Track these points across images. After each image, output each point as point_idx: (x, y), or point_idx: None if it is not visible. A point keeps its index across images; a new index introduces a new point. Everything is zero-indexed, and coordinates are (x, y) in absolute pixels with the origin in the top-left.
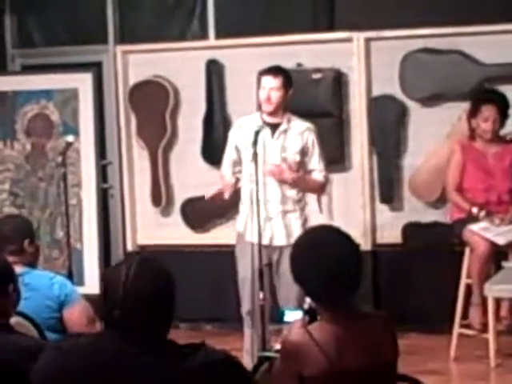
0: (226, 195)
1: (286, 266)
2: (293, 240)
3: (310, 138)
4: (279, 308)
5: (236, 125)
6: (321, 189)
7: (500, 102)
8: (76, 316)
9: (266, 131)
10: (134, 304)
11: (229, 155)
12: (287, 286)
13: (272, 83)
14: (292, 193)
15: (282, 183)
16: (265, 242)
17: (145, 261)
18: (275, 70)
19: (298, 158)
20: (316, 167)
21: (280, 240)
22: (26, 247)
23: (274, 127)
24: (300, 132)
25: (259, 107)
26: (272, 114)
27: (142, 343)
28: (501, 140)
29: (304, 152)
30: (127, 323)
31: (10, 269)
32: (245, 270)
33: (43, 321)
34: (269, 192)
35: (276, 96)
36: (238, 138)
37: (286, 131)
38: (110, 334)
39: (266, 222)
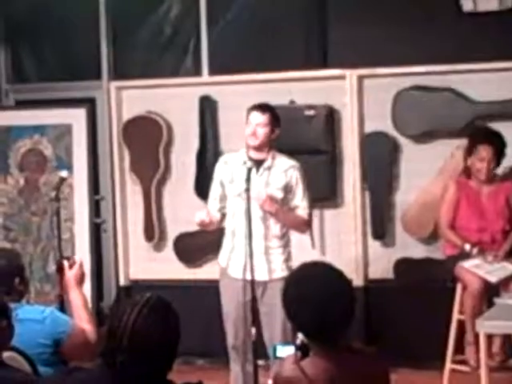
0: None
1: (267, 301)
2: (274, 276)
3: (294, 176)
4: (272, 344)
5: (222, 160)
6: (303, 226)
7: (497, 142)
8: (74, 348)
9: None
10: (139, 353)
11: (214, 191)
12: (270, 322)
13: (259, 119)
14: (275, 229)
15: (265, 218)
16: (248, 277)
17: (156, 307)
18: (263, 107)
19: (280, 194)
20: (299, 204)
21: (262, 275)
22: (16, 286)
23: (259, 163)
24: (284, 169)
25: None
26: (257, 149)
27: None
28: (495, 179)
29: (287, 189)
30: (130, 369)
31: (4, 305)
32: (228, 304)
33: (36, 356)
34: (252, 228)
35: (262, 132)
36: (223, 173)
37: (269, 168)
38: (110, 374)
39: (250, 257)
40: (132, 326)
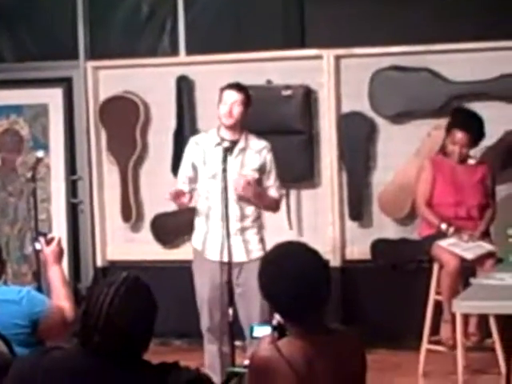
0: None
1: (244, 282)
2: (252, 256)
3: (268, 157)
4: (249, 324)
5: (192, 141)
6: (276, 206)
7: (473, 127)
8: (52, 327)
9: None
10: (115, 333)
11: (184, 172)
12: (248, 302)
13: (234, 97)
14: (250, 210)
15: (240, 199)
16: (225, 259)
17: (132, 288)
18: (238, 86)
19: (256, 175)
20: (272, 184)
21: (240, 256)
22: None
23: (233, 144)
24: (258, 150)
25: (219, 122)
26: (230, 128)
27: (118, 365)
28: (469, 160)
29: (262, 170)
30: (106, 349)
31: None
32: (204, 287)
33: (12, 336)
34: (225, 208)
35: (237, 110)
36: (195, 154)
37: (244, 149)
38: (86, 353)
39: (225, 240)
40: (108, 306)
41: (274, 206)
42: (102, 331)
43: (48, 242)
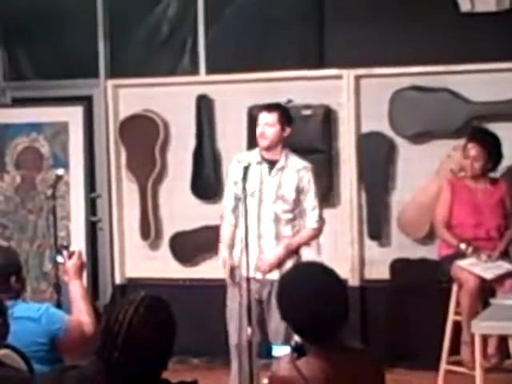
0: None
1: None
2: None
3: (306, 177)
4: (268, 343)
5: (235, 159)
6: (314, 237)
7: (485, 140)
8: (70, 343)
9: (264, 167)
10: (134, 352)
11: (229, 191)
12: (277, 321)
13: (266, 119)
14: (287, 229)
15: (276, 218)
16: (258, 276)
17: (152, 306)
18: (270, 107)
19: (293, 195)
20: (309, 205)
21: (272, 274)
22: (13, 284)
23: (272, 164)
24: (297, 170)
25: (255, 144)
26: (268, 149)
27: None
28: (489, 179)
29: (299, 190)
30: (125, 367)
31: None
32: (233, 302)
33: (31, 353)
34: (263, 228)
35: (270, 132)
36: (237, 172)
37: (282, 168)
38: (105, 372)
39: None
40: (128, 325)
41: (312, 238)
42: (120, 350)
43: (69, 256)
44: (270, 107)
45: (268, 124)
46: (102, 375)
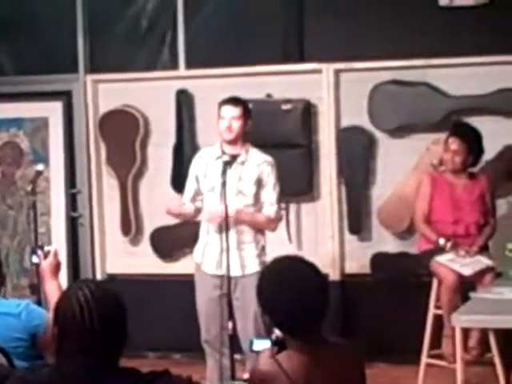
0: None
1: (240, 296)
2: (247, 271)
3: (266, 171)
4: (245, 337)
5: (198, 155)
6: (269, 224)
7: (465, 134)
8: (50, 341)
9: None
10: (104, 324)
11: (190, 185)
12: (244, 316)
13: (232, 112)
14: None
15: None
16: (221, 272)
17: (95, 284)
18: (235, 100)
19: (253, 189)
20: (266, 199)
21: (235, 271)
22: None
23: (233, 158)
24: (257, 164)
25: (220, 137)
26: (232, 143)
27: (103, 372)
28: (469, 174)
29: (259, 184)
30: (86, 351)
31: None
32: (201, 300)
33: (12, 349)
34: (224, 223)
35: (236, 125)
36: (199, 167)
37: (243, 163)
38: (70, 365)
39: (223, 253)
40: (86, 303)
41: (268, 225)
42: (79, 335)
43: (45, 256)
44: (234, 101)
45: (234, 117)
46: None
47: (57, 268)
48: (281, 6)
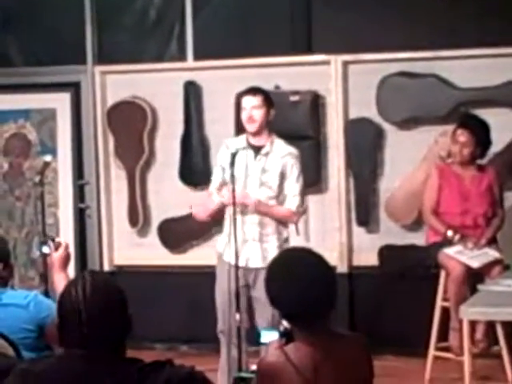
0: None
1: (260, 288)
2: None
3: (290, 163)
4: (256, 329)
5: (224, 144)
6: (291, 217)
7: (473, 126)
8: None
9: (250, 153)
10: (99, 318)
11: (216, 175)
12: (262, 308)
13: (253, 102)
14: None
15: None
16: (241, 263)
17: (92, 278)
18: (254, 89)
19: (277, 181)
20: (289, 192)
21: (255, 262)
22: (1, 271)
23: (258, 149)
24: (281, 156)
25: (242, 130)
26: (256, 134)
27: (105, 362)
28: (477, 166)
29: (283, 176)
30: (89, 342)
31: None
32: (221, 290)
33: (20, 340)
34: (247, 214)
35: (258, 114)
36: (224, 157)
37: (267, 154)
38: (72, 356)
39: (244, 244)
40: (82, 298)
41: (289, 218)
42: (82, 325)
43: (56, 247)
44: (253, 90)
45: (255, 107)
46: (73, 363)
47: (66, 261)
48: None
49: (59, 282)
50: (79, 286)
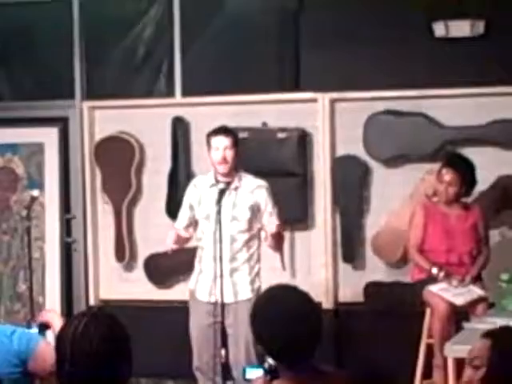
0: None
1: (233, 322)
2: (239, 297)
3: (262, 197)
4: (236, 365)
5: (192, 183)
6: (281, 228)
7: (459, 166)
8: (39, 366)
9: (220, 190)
10: (82, 360)
11: (184, 213)
12: (236, 344)
13: (225, 142)
14: (242, 251)
15: (232, 239)
16: (213, 299)
17: (95, 318)
18: (226, 130)
19: (248, 215)
20: (266, 222)
21: (227, 297)
22: None
23: (227, 184)
24: (251, 190)
25: (214, 168)
26: (227, 175)
27: None
28: (463, 204)
29: (254, 209)
30: (76, 379)
31: None
32: (193, 326)
33: (5, 375)
34: (218, 250)
35: (230, 155)
36: (193, 196)
37: (236, 189)
38: None
39: (215, 280)
40: (73, 334)
41: (282, 234)
42: (70, 361)
43: (47, 326)
44: (225, 130)
45: (227, 147)
46: None
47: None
48: (277, 35)
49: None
50: (73, 325)
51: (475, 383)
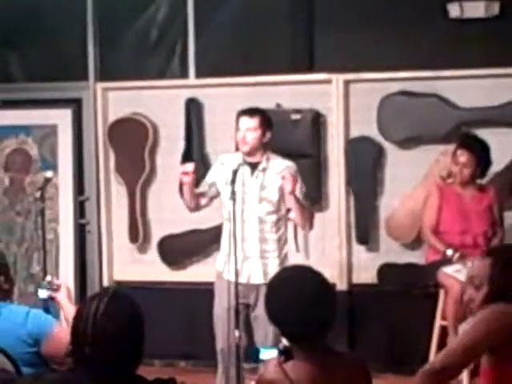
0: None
1: (262, 305)
2: (270, 278)
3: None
4: (255, 347)
5: (219, 161)
6: (311, 218)
7: (474, 147)
8: (53, 349)
9: (246, 170)
10: (105, 344)
11: (202, 185)
12: (264, 326)
13: (248, 124)
14: (272, 232)
15: (261, 220)
16: (242, 280)
17: (114, 298)
18: (252, 111)
19: (277, 196)
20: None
21: (257, 278)
22: (2, 284)
23: (254, 166)
24: (279, 171)
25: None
26: (249, 154)
27: (111, 381)
28: (477, 186)
29: (282, 190)
30: (97, 360)
31: None
32: (220, 307)
33: (19, 355)
34: (247, 230)
35: (251, 137)
36: (218, 174)
37: (264, 170)
38: (80, 371)
39: (244, 261)
40: (94, 317)
41: (311, 218)
42: (91, 343)
43: (56, 289)
44: (251, 112)
45: (249, 129)
46: (74, 377)
47: (70, 296)
48: (290, 16)
49: (71, 315)
50: (93, 305)
51: (477, 302)
